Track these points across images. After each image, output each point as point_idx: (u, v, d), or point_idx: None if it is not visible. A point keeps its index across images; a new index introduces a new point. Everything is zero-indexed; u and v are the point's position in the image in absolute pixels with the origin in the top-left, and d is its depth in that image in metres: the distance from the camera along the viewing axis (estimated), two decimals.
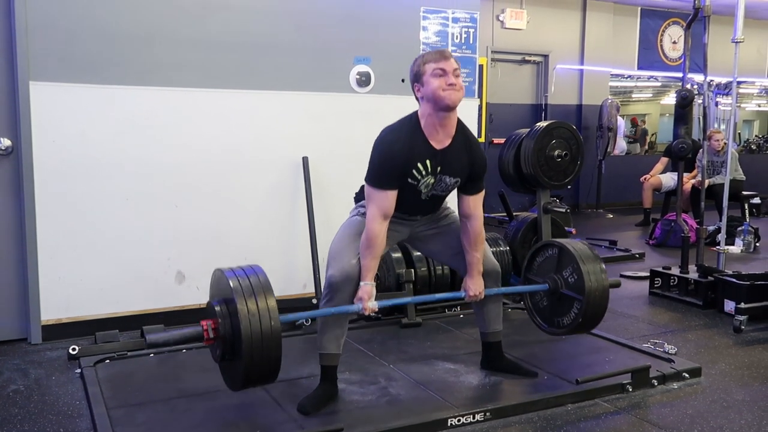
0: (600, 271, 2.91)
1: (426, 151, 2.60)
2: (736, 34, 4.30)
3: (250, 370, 2.28)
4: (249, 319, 2.25)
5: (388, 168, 2.57)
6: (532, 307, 3.16)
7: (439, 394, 2.79)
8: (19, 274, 3.48)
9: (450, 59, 2.56)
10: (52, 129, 3.41)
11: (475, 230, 2.76)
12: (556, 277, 2.99)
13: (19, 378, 3.03)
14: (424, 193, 2.68)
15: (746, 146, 11.18)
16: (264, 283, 2.36)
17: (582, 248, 2.98)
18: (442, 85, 2.52)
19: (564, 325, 2.99)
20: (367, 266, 2.62)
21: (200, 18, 3.68)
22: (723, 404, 2.79)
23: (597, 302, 2.89)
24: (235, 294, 2.29)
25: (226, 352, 2.36)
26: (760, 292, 3.94)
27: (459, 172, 2.68)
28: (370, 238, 2.60)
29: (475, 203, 2.77)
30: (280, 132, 3.94)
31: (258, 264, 2.48)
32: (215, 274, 2.50)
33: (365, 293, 2.60)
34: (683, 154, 4.60)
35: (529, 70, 9.03)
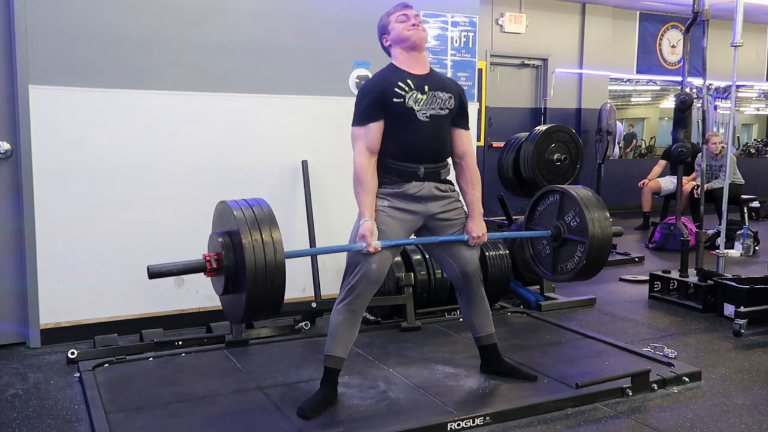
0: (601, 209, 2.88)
1: (405, 75, 2.70)
2: (735, 38, 4.30)
3: (253, 302, 2.24)
4: (253, 249, 2.21)
5: (368, 99, 2.65)
6: (534, 256, 3.12)
7: (438, 398, 2.78)
8: (18, 278, 3.48)
9: (411, 8, 2.77)
10: (52, 132, 3.41)
11: (471, 168, 2.82)
12: (558, 223, 2.97)
13: (18, 382, 3.02)
14: (418, 112, 2.65)
15: (745, 150, 11.19)
16: (268, 214, 2.34)
17: (585, 193, 2.96)
18: (406, 26, 2.70)
19: (567, 270, 2.95)
20: (363, 202, 2.63)
21: (199, 22, 3.68)
22: (723, 408, 2.78)
23: (600, 244, 2.85)
24: (239, 225, 2.25)
25: (229, 284, 2.33)
26: (760, 295, 3.94)
27: (449, 89, 2.76)
28: (360, 172, 2.65)
29: (468, 139, 2.85)
30: (279, 135, 3.94)
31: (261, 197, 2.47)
32: (218, 206, 2.49)
33: (367, 230, 2.57)
34: (682, 158, 4.60)
35: (528, 74, 9.04)
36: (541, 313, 4.11)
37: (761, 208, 8.43)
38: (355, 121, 2.70)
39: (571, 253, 2.93)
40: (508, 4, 8.53)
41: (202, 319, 3.69)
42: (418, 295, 3.83)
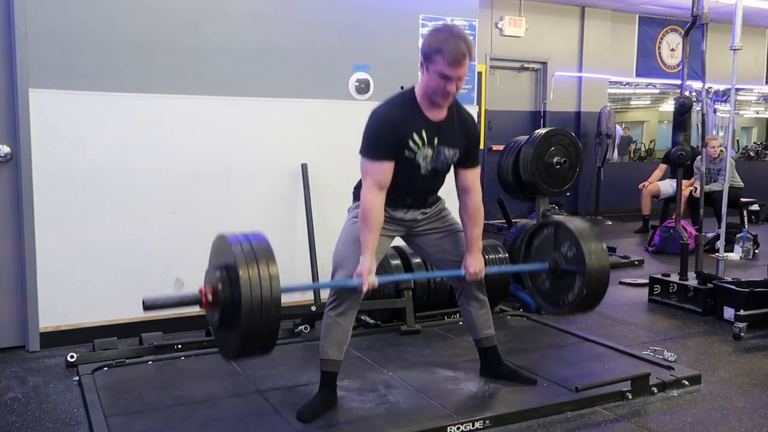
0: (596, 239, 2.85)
1: (421, 122, 2.61)
2: (734, 42, 4.31)
3: (247, 338, 2.23)
4: (250, 285, 2.20)
5: (383, 136, 2.56)
6: (535, 291, 3.11)
7: (438, 402, 2.78)
8: (18, 282, 3.48)
9: (461, 67, 2.50)
10: (51, 136, 3.41)
11: (474, 204, 2.77)
12: (555, 256, 2.96)
13: (17, 385, 3.02)
14: (423, 167, 2.66)
15: (744, 153, 11.20)
16: (266, 249, 2.32)
17: (579, 223, 2.95)
18: (441, 89, 2.53)
19: (568, 303, 2.92)
20: (366, 241, 2.58)
21: (199, 25, 3.69)
22: (723, 412, 2.78)
23: (599, 273, 2.82)
24: (236, 260, 2.24)
25: (224, 318, 2.32)
26: (760, 299, 3.94)
27: (457, 143, 2.70)
28: (367, 210, 2.57)
29: (474, 176, 2.78)
30: (279, 139, 3.95)
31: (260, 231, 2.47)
32: (216, 239, 2.47)
33: (365, 268, 2.55)
34: (682, 161, 4.60)
35: (527, 77, 9.05)
36: (540, 317, 4.10)
37: (761, 211, 8.43)
38: (367, 154, 2.59)
39: (571, 285, 2.90)
40: (507, 7, 8.55)
41: (202, 322, 3.67)
42: (417, 298, 3.83)
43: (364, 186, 2.60)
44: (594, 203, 8.81)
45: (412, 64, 4.23)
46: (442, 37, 2.50)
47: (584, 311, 2.95)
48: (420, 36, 4.23)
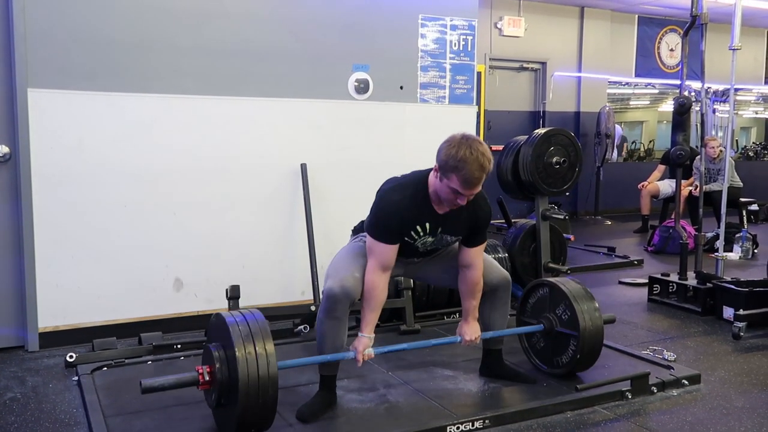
0: (590, 301, 2.95)
1: (427, 214, 2.61)
2: (733, 42, 4.31)
3: (245, 414, 2.27)
4: (246, 364, 2.25)
5: (389, 225, 2.58)
6: (529, 348, 3.18)
7: (437, 402, 2.78)
8: (17, 282, 3.47)
9: (476, 188, 2.46)
10: (50, 136, 3.41)
11: (473, 280, 2.78)
12: (550, 317, 3.02)
13: (16, 386, 3.01)
14: (420, 249, 2.72)
15: (744, 153, 11.20)
16: (263, 328, 2.36)
17: (572, 285, 3.02)
18: (452, 200, 2.51)
19: (563, 364, 3.00)
20: (366, 318, 2.64)
21: (198, 25, 3.68)
22: (722, 411, 2.78)
23: (592, 336, 2.91)
24: (233, 338, 2.28)
25: (221, 398, 2.36)
26: (759, 298, 3.94)
27: (460, 231, 2.70)
28: (371, 289, 2.61)
29: (476, 254, 2.76)
30: (278, 139, 3.95)
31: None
32: (213, 318, 2.49)
33: (361, 345, 2.62)
34: (681, 161, 4.61)
35: (527, 77, 9.05)
36: None
37: (760, 211, 8.44)
38: (374, 234, 2.61)
39: (565, 347, 2.98)
40: (506, 7, 8.55)
41: (201, 322, 3.68)
42: (416, 298, 3.83)
43: (369, 266, 2.62)
44: (593, 203, 8.82)
45: (411, 64, 4.25)
46: (461, 157, 2.40)
47: (579, 371, 3.04)
48: (419, 36, 4.23)
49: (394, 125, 4.23)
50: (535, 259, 4.42)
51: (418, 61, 4.25)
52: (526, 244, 4.47)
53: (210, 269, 3.80)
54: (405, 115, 4.26)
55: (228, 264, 3.84)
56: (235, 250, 3.86)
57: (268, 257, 3.95)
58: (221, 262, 3.83)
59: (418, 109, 4.26)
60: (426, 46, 4.27)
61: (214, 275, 3.78)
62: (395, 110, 4.24)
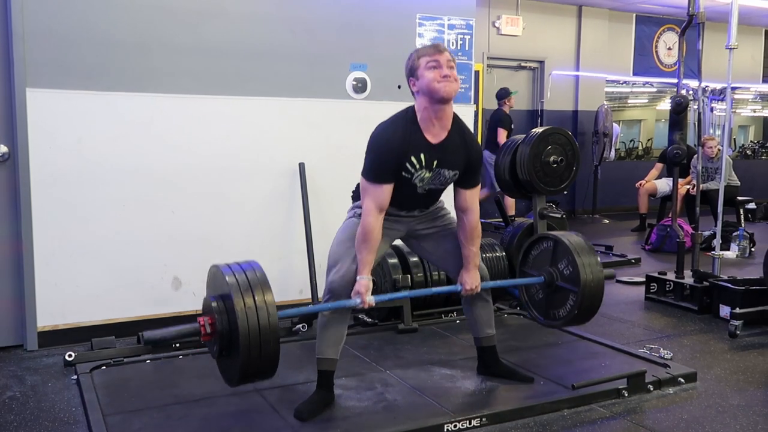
0: (595, 263, 2.91)
1: (421, 145, 2.61)
2: (730, 41, 4.32)
3: (247, 365, 2.25)
4: (246, 314, 2.22)
5: (384, 161, 2.58)
6: (528, 300, 3.16)
7: (435, 400, 2.79)
8: (16, 281, 3.48)
9: (444, 52, 2.58)
10: (49, 135, 3.41)
11: (471, 224, 2.77)
12: (551, 270, 3.00)
13: (16, 384, 3.02)
14: (419, 187, 2.68)
15: (741, 152, 11.22)
16: (261, 278, 2.34)
17: (577, 241, 2.99)
18: (436, 77, 2.53)
19: (560, 317, 2.99)
20: (364, 260, 2.61)
21: (196, 25, 3.69)
22: (718, 409, 2.79)
23: (592, 294, 2.89)
24: (231, 290, 2.27)
25: (223, 348, 2.34)
26: (756, 297, 3.96)
27: (457, 165, 2.69)
28: (366, 232, 2.59)
29: (472, 197, 2.78)
30: (276, 138, 3.95)
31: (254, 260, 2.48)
32: (211, 270, 2.49)
33: (362, 287, 2.59)
34: (678, 160, 4.61)
35: (525, 76, 9.06)
36: None
37: (757, 209, 8.45)
38: (368, 175, 2.61)
39: (564, 301, 2.97)
40: (504, 6, 8.56)
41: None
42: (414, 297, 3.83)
43: (365, 208, 2.61)
44: (591, 202, 8.83)
45: None
46: (415, 50, 2.66)
47: (575, 325, 3.06)
48: (417, 35, 4.24)
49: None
50: None
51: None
52: (524, 243, 4.47)
53: (208, 268, 3.80)
54: None
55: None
56: (234, 249, 3.86)
57: (266, 256, 3.92)
58: (219, 261, 3.83)
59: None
60: (424, 45, 4.27)
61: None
62: (393, 109, 4.18)
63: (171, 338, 2.37)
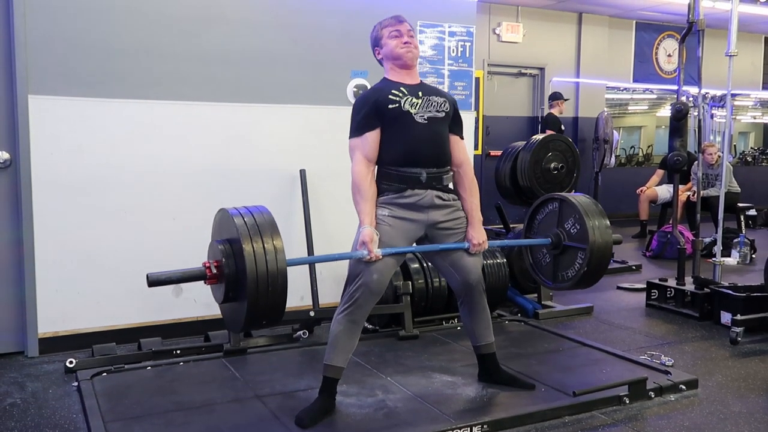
0: (601, 216, 2.88)
1: (399, 85, 2.74)
2: (730, 48, 4.34)
3: (254, 310, 2.21)
4: (254, 256, 2.18)
5: (362, 110, 2.69)
6: (534, 264, 3.10)
7: (436, 407, 2.79)
8: (17, 287, 3.48)
9: (404, 22, 2.78)
10: (51, 142, 3.42)
11: (468, 176, 2.85)
12: (558, 231, 2.97)
13: (16, 391, 3.02)
14: (415, 114, 2.68)
15: (742, 158, 11.23)
16: (269, 221, 2.31)
17: (584, 200, 2.96)
18: (398, 44, 2.73)
19: (568, 278, 2.93)
20: (363, 210, 2.62)
21: (197, 32, 3.70)
22: (720, 416, 2.79)
23: (601, 250, 2.83)
24: (239, 232, 2.22)
25: (229, 292, 2.30)
26: (757, 303, 3.95)
27: (443, 95, 2.82)
28: (358, 181, 2.67)
29: (464, 147, 2.88)
30: (277, 145, 3.96)
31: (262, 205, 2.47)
32: (218, 214, 2.48)
33: (367, 236, 2.56)
34: (678, 167, 4.62)
35: (525, 82, 9.07)
36: (538, 322, 4.12)
37: (758, 216, 8.46)
38: (352, 133, 2.74)
39: (572, 261, 2.92)
40: (505, 13, 8.58)
41: (200, 328, 3.69)
42: (415, 303, 3.84)
43: (354, 161, 2.70)
44: None
45: None
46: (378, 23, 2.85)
47: (583, 287, 2.98)
48: (418, 42, 4.24)
49: None
50: None
51: (416, 67, 4.25)
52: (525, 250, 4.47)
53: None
54: None
55: None
56: None
57: None
58: None
59: None
60: (424, 52, 4.29)
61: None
62: None
63: (176, 279, 2.34)
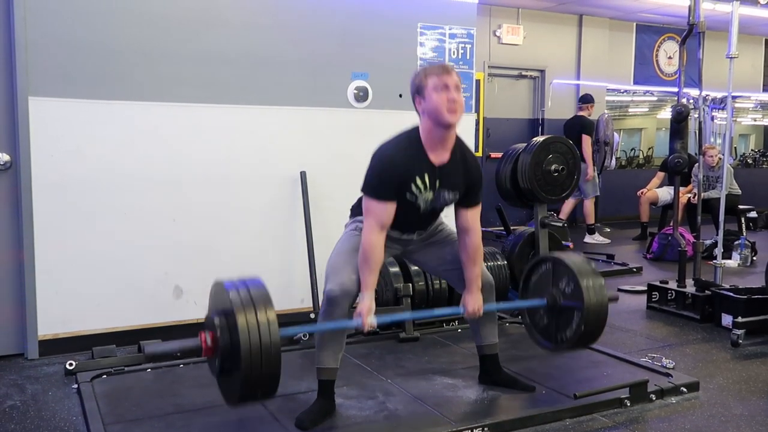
0: (594, 275, 2.86)
1: (425, 165, 2.61)
2: (731, 50, 4.33)
3: (248, 383, 2.25)
4: (248, 331, 2.21)
5: (387, 178, 2.57)
6: (532, 326, 3.11)
7: (436, 409, 2.78)
8: (17, 289, 3.48)
9: (452, 74, 2.56)
10: (51, 144, 3.42)
11: (473, 244, 2.75)
12: (553, 291, 2.96)
13: (16, 393, 3.01)
14: (422, 208, 2.69)
15: (742, 160, 11.23)
16: (263, 295, 2.33)
17: (575, 258, 2.97)
18: (443, 101, 2.52)
19: (566, 339, 2.92)
20: (366, 280, 2.59)
21: (198, 34, 3.70)
22: (721, 419, 2.78)
23: (597, 309, 2.83)
24: (234, 306, 2.26)
25: (224, 365, 2.34)
26: (758, 306, 3.94)
27: (457, 187, 2.69)
28: (368, 250, 2.58)
29: (473, 217, 2.76)
30: (278, 147, 3.96)
31: (257, 276, 2.48)
32: (214, 285, 2.49)
33: (365, 308, 2.57)
34: (679, 169, 4.62)
35: (525, 85, 9.08)
36: None
37: (758, 218, 8.45)
38: (371, 193, 2.60)
39: (569, 321, 2.89)
40: (505, 15, 8.59)
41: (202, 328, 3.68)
42: (416, 305, 3.83)
43: (366, 226, 2.60)
44: None
45: (410, 73, 4.22)
46: (423, 68, 2.65)
47: (583, 347, 3.00)
48: (418, 44, 4.26)
49: (393, 133, 4.23)
50: None
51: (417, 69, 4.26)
52: (525, 252, 4.47)
53: (209, 277, 3.77)
54: (404, 123, 4.21)
55: (228, 271, 3.82)
56: (235, 258, 3.86)
57: (267, 264, 3.95)
58: (221, 270, 3.81)
59: (417, 117, 4.26)
60: (425, 54, 4.29)
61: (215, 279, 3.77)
62: (394, 118, 4.23)
63: (172, 352, 2.36)
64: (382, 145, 2.65)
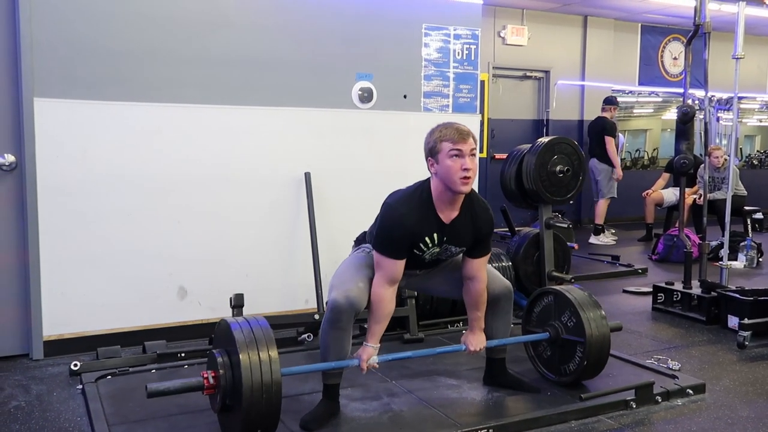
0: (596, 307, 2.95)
1: (434, 224, 2.62)
2: (737, 51, 4.32)
3: (249, 421, 2.28)
4: (250, 370, 2.27)
5: (398, 238, 2.58)
6: (536, 357, 3.17)
7: (441, 411, 2.78)
8: (22, 290, 3.48)
9: (468, 140, 2.52)
10: (56, 145, 3.43)
11: (477, 291, 2.77)
12: (555, 324, 3.02)
13: (21, 394, 3.02)
14: (427, 260, 2.72)
15: (748, 161, 11.19)
16: (266, 334, 2.38)
17: (577, 292, 3.02)
18: (457, 170, 2.49)
19: (570, 372, 2.99)
20: (372, 330, 2.65)
21: (202, 35, 3.71)
22: (727, 421, 2.77)
23: (599, 342, 2.91)
24: (237, 344, 2.31)
25: (226, 402, 2.37)
26: (764, 307, 3.93)
27: (464, 242, 2.71)
28: (377, 302, 2.62)
29: (480, 266, 2.76)
30: (282, 148, 3.96)
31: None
32: (219, 324, 2.51)
33: (366, 354, 2.63)
34: (684, 170, 4.60)
35: (530, 85, 9.06)
36: None
37: (764, 219, 8.40)
38: (382, 250, 2.60)
39: (572, 354, 2.97)
40: (510, 16, 8.58)
41: (205, 330, 3.68)
42: (420, 306, 3.83)
43: (377, 279, 2.63)
44: None
45: (414, 74, 4.26)
46: (438, 130, 2.56)
47: (586, 379, 3.03)
48: (423, 45, 4.25)
49: (397, 134, 4.25)
50: (539, 268, 4.41)
51: (421, 70, 4.27)
52: (530, 253, 4.46)
53: (214, 277, 3.81)
54: (408, 124, 4.27)
55: (232, 272, 3.85)
56: (239, 259, 3.87)
57: (271, 266, 3.95)
58: (225, 271, 3.84)
59: (421, 118, 4.27)
60: (429, 55, 4.28)
61: (218, 283, 3.78)
62: (399, 119, 4.25)
63: (174, 391, 2.39)
64: (395, 201, 2.63)
